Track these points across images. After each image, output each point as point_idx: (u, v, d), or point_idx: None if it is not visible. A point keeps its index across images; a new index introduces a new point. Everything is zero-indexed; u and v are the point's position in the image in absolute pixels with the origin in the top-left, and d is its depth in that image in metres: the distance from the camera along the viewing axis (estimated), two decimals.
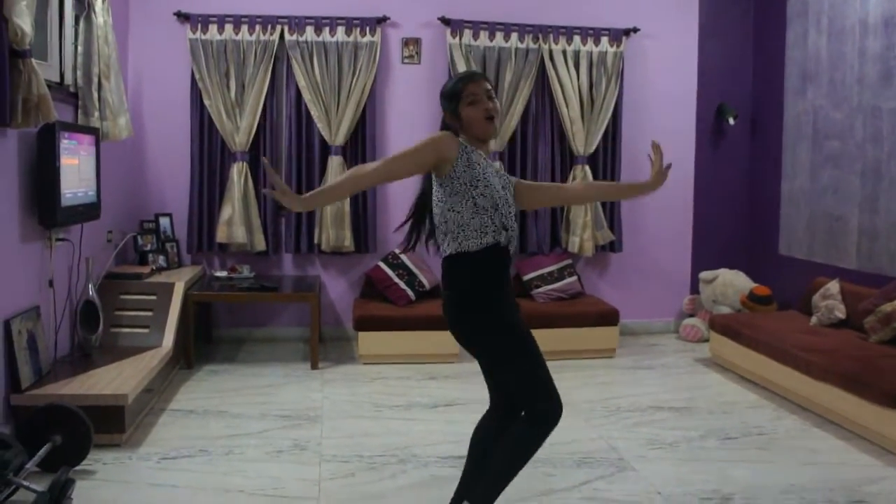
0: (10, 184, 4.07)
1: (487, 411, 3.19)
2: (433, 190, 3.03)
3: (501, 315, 2.94)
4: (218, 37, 6.23)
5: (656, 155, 3.24)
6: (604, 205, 6.81)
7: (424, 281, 6.37)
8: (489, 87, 3.01)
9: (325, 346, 6.45)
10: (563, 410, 2.93)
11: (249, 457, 4.08)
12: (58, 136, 4.26)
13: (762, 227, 7.03)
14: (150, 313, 5.29)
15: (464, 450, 3.23)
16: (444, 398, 5.14)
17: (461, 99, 2.98)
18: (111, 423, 4.11)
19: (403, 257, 6.44)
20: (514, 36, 6.54)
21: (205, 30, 6.22)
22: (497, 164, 3.21)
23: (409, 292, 6.29)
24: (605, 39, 6.67)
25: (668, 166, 3.23)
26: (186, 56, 6.27)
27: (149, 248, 6.09)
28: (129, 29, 6.25)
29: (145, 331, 5.17)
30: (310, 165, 6.47)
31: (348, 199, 6.41)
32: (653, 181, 3.25)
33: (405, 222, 3.29)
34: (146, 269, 5.75)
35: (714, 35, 7.08)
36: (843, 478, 3.90)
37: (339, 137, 6.38)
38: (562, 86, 6.61)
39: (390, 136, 6.64)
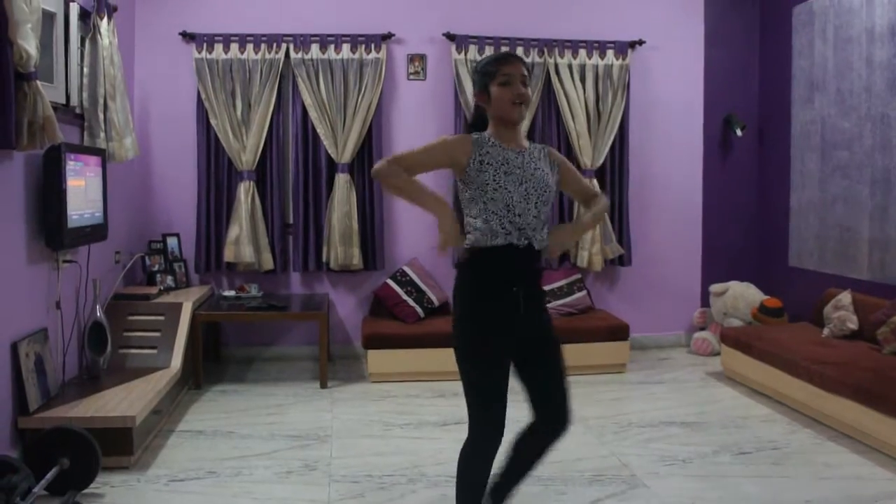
0: (17, 206, 4.06)
1: None
2: (458, 187, 3.00)
3: (478, 322, 2.90)
4: (223, 56, 6.25)
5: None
6: (612, 218, 6.79)
7: (433, 298, 6.34)
8: (525, 72, 2.97)
9: (334, 364, 6.43)
10: (501, 437, 2.91)
11: (258, 478, 4.05)
12: (64, 158, 4.26)
13: (772, 238, 6.99)
14: (158, 334, 5.28)
15: None
16: (453, 416, 5.10)
17: (494, 77, 2.93)
18: (119, 446, 4.09)
19: (412, 274, 6.42)
20: (520, 50, 6.53)
21: (210, 49, 6.24)
22: (536, 148, 3.09)
23: (418, 309, 6.26)
24: (610, 52, 6.66)
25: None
26: (192, 75, 6.28)
27: (157, 268, 6.08)
28: (134, 49, 6.27)
29: (153, 352, 5.15)
30: (316, 183, 6.46)
31: (356, 217, 6.40)
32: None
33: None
34: (154, 290, 5.74)
35: (720, 46, 7.07)
36: (860, 492, 3.85)
37: (345, 155, 6.37)
38: (568, 99, 6.60)
39: (397, 152, 6.62)
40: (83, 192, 4.59)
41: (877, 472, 4.12)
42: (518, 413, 2.98)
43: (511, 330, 2.91)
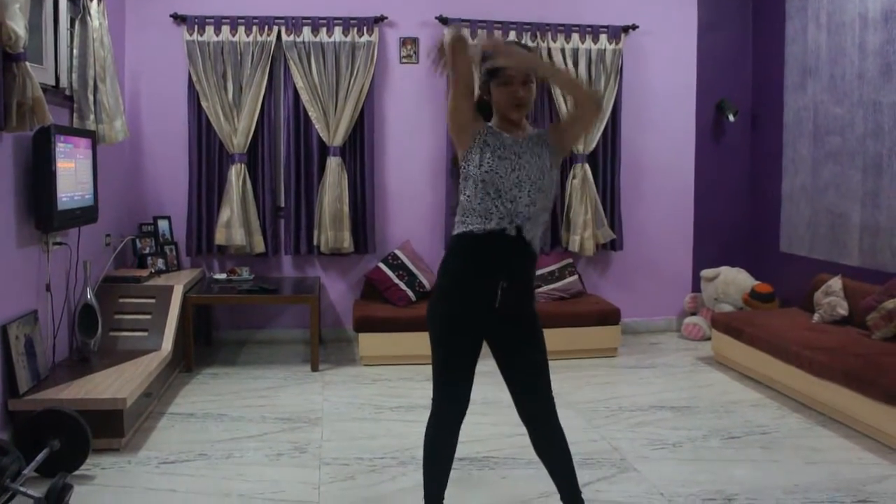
0: (6, 188, 4.04)
1: None
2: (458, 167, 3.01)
3: (447, 306, 2.97)
4: (214, 38, 6.21)
5: None
6: (604, 203, 6.78)
7: (424, 281, 6.34)
8: (529, 71, 2.91)
9: (325, 347, 6.43)
10: (464, 412, 3.03)
11: (249, 460, 4.05)
12: (53, 140, 4.23)
13: (763, 224, 7.00)
14: (149, 316, 5.27)
15: (465, 451, 3.22)
16: None
17: (495, 75, 2.89)
18: (110, 428, 4.08)
19: (403, 258, 6.41)
20: (513, 34, 6.51)
21: (201, 31, 6.20)
22: (536, 134, 3.03)
23: (410, 293, 6.26)
24: (603, 37, 6.64)
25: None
26: (183, 58, 6.24)
27: (147, 251, 6.06)
28: (125, 31, 6.23)
29: (144, 334, 5.14)
30: (308, 167, 6.44)
31: (347, 200, 6.39)
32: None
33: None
34: (145, 273, 5.72)
35: (713, 31, 7.05)
36: (848, 477, 3.87)
37: (337, 138, 6.35)
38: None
39: (389, 136, 6.62)
40: (73, 174, 4.57)
41: (865, 457, 4.14)
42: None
43: (484, 315, 2.94)
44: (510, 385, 3.06)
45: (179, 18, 6.25)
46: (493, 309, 2.91)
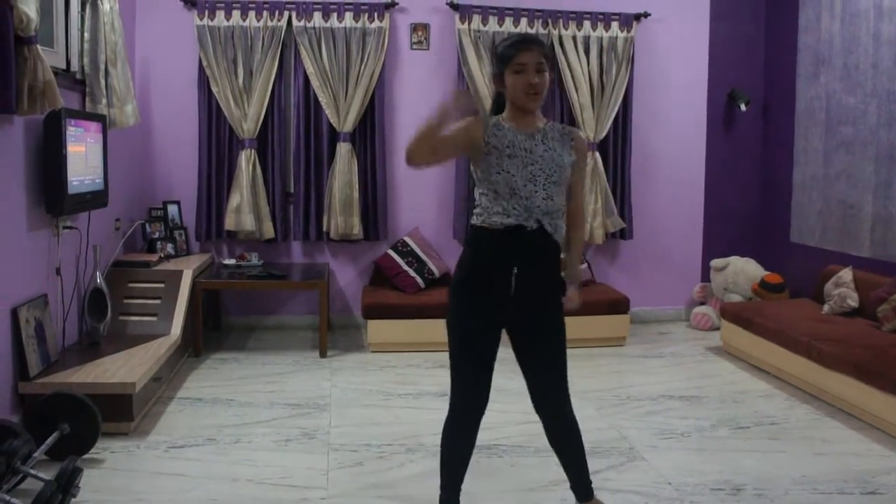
0: (17, 171, 4.05)
1: None
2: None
3: (463, 295, 2.99)
4: (225, 23, 6.19)
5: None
6: (614, 191, 6.76)
7: (434, 268, 6.34)
8: (542, 59, 2.88)
9: (333, 334, 6.44)
10: (483, 407, 3.07)
11: (257, 445, 4.07)
12: (64, 124, 4.23)
13: (774, 214, 6.97)
14: (158, 301, 5.28)
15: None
16: None
17: (509, 64, 2.87)
18: (119, 412, 4.10)
19: (412, 245, 6.41)
20: (524, 21, 6.48)
21: (212, 16, 6.18)
22: (554, 128, 3.03)
23: (419, 280, 6.26)
24: (615, 24, 6.60)
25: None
26: (194, 42, 6.23)
27: (157, 235, 6.07)
28: (135, 15, 6.21)
29: (153, 319, 5.16)
30: (318, 152, 6.43)
31: (357, 186, 6.38)
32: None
33: None
34: (154, 257, 5.73)
35: (725, 19, 7.00)
36: (856, 468, 3.86)
37: (347, 124, 6.34)
38: (572, 71, 6.55)
39: (399, 122, 6.61)
40: (83, 158, 4.57)
41: (873, 448, 4.13)
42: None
43: (501, 303, 2.94)
44: (525, 376, 3.09)
45: (190, 3, 6.23)
46: (508, 297, 2.91)
